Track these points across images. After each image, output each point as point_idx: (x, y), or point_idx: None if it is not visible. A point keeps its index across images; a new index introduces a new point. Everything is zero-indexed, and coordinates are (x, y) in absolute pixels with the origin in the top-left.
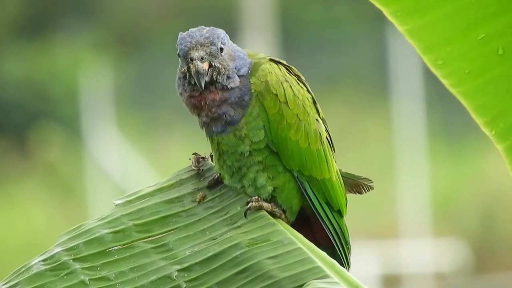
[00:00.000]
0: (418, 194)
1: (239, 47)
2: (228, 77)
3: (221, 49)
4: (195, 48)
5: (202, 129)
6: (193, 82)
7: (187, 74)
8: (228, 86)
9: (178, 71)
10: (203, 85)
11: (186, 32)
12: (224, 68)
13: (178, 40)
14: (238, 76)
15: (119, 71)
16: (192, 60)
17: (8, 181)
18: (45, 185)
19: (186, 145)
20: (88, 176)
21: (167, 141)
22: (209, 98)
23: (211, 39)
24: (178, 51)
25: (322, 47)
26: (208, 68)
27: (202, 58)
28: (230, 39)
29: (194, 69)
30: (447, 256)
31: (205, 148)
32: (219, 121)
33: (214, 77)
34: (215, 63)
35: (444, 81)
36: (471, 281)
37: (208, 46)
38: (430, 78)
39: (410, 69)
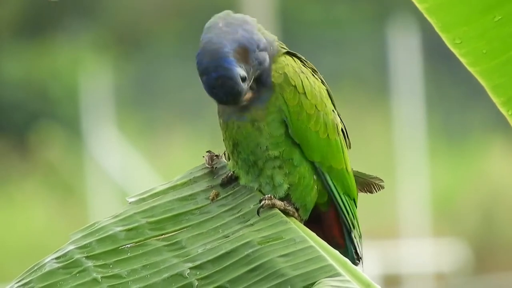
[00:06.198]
0: (418, 194)
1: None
2: (260, 75)
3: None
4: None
5: (220, 115)
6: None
7: None
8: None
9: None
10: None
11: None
12: (257, 72)
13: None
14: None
15: (119, 71)
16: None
17: (8, 181)
18: (45, 185)
19: (186, 145)
20: (88, 176)
21: (167, 141)
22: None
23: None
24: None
25: (322, 47)
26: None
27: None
28: None
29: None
30: (447, 256)
31: (205, 148)
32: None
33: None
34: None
35: (462, 60)
36: (471, 281)
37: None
38: (430, 78)
39: (410, 69)
